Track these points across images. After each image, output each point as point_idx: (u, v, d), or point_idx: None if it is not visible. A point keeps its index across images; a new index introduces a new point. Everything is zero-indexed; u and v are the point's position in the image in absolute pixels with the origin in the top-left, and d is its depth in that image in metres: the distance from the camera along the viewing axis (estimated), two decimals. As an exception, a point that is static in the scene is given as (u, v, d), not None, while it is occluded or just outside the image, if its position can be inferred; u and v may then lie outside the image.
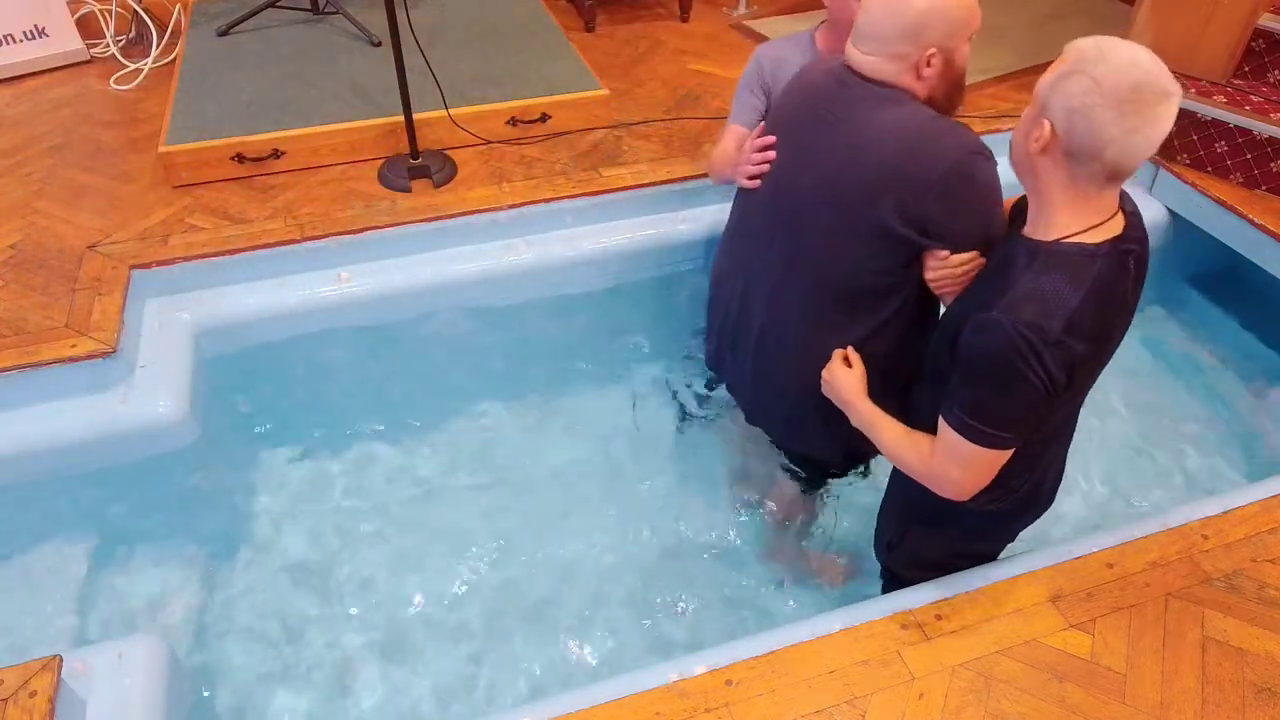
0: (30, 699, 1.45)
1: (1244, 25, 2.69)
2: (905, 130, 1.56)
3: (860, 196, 1.61)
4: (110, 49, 3.37)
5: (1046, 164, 1.29)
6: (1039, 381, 1.29)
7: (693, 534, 2.45)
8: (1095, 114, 1.20)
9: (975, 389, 1.35)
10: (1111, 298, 1.32)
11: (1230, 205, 2.63)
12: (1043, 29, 3.79)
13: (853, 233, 1.64)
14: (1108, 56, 1.20)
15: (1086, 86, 1.20)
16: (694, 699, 1.53)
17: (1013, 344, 1.27)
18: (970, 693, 1.55)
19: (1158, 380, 2.88)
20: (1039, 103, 1.27)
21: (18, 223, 2.49)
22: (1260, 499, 1.91)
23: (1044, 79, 1.26)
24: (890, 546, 1.83)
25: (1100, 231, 1.31)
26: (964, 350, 1.34)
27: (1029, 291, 1.28)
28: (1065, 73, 1.22)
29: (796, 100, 1.77)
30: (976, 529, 1.71)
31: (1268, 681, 1.57)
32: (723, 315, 2.00)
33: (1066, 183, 1.29)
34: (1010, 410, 1.34)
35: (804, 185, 1.71)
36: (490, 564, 2.39)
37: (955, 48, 1.58)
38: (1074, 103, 1.21)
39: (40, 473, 2.11)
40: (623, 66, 3.38)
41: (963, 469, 1.43)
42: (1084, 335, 1.29)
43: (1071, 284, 1.27)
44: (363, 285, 2.45)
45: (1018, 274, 1.31)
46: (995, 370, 1.31)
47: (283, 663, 2.16)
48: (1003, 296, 1.30)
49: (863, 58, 1.60)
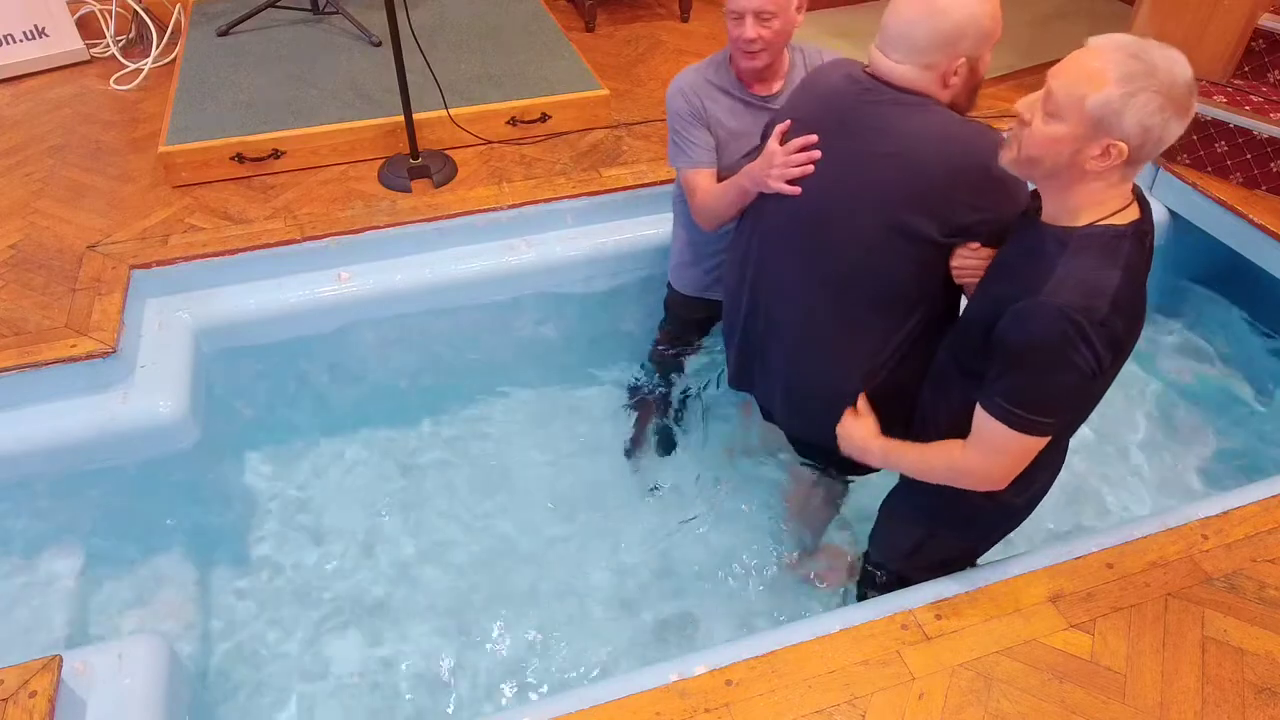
0: (30, 699, 1.45)
1: (1244, 25, 2.69)
2: (937, 138, 1.54)
3: (896, 205, 1.58)
4: (110, 49, 3.37)
5: (1097, 173, 1.29)
6: (1085, 363, 1.30)
7: (695, 531, 2.45)
8: (1169, 126, 1.22)
9: (1018, 376, 1.35)
10: (1140, 276, 1.34)
11: (1230, 205, 2.63)
12: (1043, 29, 3.79)
13: (888, 239, 1.60)
14: (1156, 67, 1.20)
15: (1159, 103, 1.20)
16: (694, 699, 1.53)
17: (1061, 327, 1.27)
18: (970, 693, 1.55)
19: (1157, 380, 2.88)
20: (1092, 123, 1.24)
21: (18, 223, 2.49)
22: (1260, 499, 1.91)
23: (1090, 98, 1.23)
24: (910, 553, 1.81)
25: (1125, 215, 1.33)
26: (1008, 338, 1.34)
27: (1070, 275, 1.29)
28: (1128, 93, 1.21)
29: (815, 106, 1.71)
30: (997, 523, 1.72)
31: (1268, 681, 1.57)
32: (744, 331, 1.93)
33: (1111, 182, 1.30)
34: (1053, 395, 1.35)
35: (833, 194, 1.66)
36: (491, 563, 2.39)
37: (980, 56, 1.57)
38: (1150, 121, 1.21)
39: (40, 472, 2.11)
40: (623, 66, 3.38)
41: (1001, 457, 1.43)
42: (1125, 313, 1.30)
43: (1109, 265, 1.29)
44: (363, 285, 2.45)
45: (1051, 261, 1.32)
46: (1042, 355, 1.31)
47: (283, 663, 2.16)
48: (1042, 283, 1.30)
49: (892, 66, 1.57)
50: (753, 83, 1.97)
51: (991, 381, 1.39)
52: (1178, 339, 3.00)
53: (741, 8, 1.81)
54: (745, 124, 1.98)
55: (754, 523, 2.45)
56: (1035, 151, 1.31)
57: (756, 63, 1.89)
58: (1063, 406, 1.38)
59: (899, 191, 1.57)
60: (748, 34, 1.82)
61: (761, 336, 1.88)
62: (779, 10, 1.81)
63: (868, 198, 1.61)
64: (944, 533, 1.75)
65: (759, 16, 1.81)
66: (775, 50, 1.88)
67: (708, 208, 1.97)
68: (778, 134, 1.73)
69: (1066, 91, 1.25)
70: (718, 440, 2.63)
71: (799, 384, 1.86)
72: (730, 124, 1.99)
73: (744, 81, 1.98)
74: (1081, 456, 2.63)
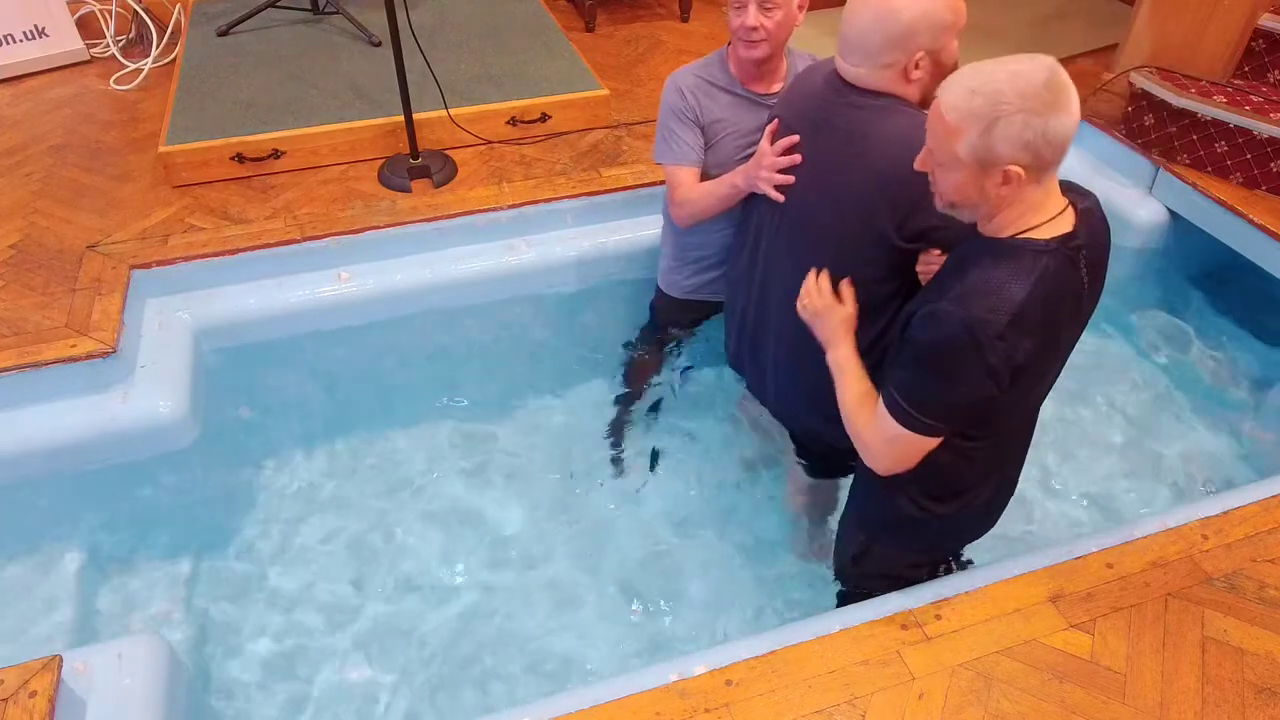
0: (30, 699, 1.45)
1: (1244, 25, 2.69)
2: (897, 142, 1.56)
3: (860, 208, 1.62)
4: (110, 49, 3.37)
5: (1010, 192, 1.28)
6: (980, 374, 1.30)
7: (698, 528, 2.45)
8: (1050, 127, 1.21)
9: (914, 374, 1.37)
10: (1060, 295, 1.32)
11: (1230, 205, 2.62)
12: (1043, 29, 3.79)
13: (855, 243, 1.65)
14: (998, 91, 1.20)
15: (1022, 119, 1.20)
16: (694, 699, 1.53)
17: (959, 336, 1.28)
18: (970, 693, 1.55)
19: (1157, 380, 2.87)
20: (976, 163, 1.25)
21: (18, 223, 2.49)
22: (1260, 499, 1.91)
23: (957, 146, 1.24)
24: (855, 559, 1.81)
25: (1051, 227, 1.31)
26: (913, 336, 1.36)
27: (978, 285, 1.29)
28: (986, 127, 1.21)
29: (799, 107, 1.76)
30: (933, 538, 1.72)
31: (1268, 681, 1.57)
32: (740, 320, 2.00)
33: (1027, 193, 1.29)
34: (945, 399, 1.36)
35: (808, 195, 1.71)
36: (491, 562, 2.38)
37: (942, 47, 1.58)
38: (1026, 136, 1.21)
39: (40, 472, 2.11)
40: (623, 66, 3.38)
41: (888, 447, 1.46)
42: (1029, 331, 1.29)
43: (1019, 278, 1.28)
44: (363, 285, 2.45)
45: (970, 270, 1.33)
46: (938, 359, 1.33)
47: (283, 663, 2.16)
48: (951, 291, 1.32)
49: (852, 70, 1.60)
50: (751, 80, 1.98)
51: (893, 374, 1.41)
52: (1177, 338, 3.00)
53: None
54: (742, 120, 1.98)
55: (753, 523, 2.45)
56: (952, 198, 1.34)
57: (756, 53, 1.88)
58: (952, 413, 1.39)
59: (862, 194, 1.61)
60: (750, 21, 1.82)
61: (755, 326, 1.93)
62: (782, 1, 1.82)
63: (836, 200, 1.65)
64: (882, 540, 1.75)
65: (762, 5, 1.81)
66: (775, 43, 1.88)
67: (690, 203, 1.99)
68: (768, 134, 1.79)
69: (941, 149, 1.29)
70: (715, 441, 2.63)
71: (786, 377, 1.90)
72: (728, 119, 1.99)
73: (741, 79, 1.98)
74: (1081, 455, 2.63)
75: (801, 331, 1.81)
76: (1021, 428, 1.59)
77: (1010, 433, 1.57)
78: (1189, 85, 2.76)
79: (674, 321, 2.41)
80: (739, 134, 1.98)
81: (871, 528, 1.75)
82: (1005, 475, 1.65)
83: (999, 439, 1.54)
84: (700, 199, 1.97)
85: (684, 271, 2.25)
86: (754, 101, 1.98)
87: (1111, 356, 2.91)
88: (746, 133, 1.97)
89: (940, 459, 1.49)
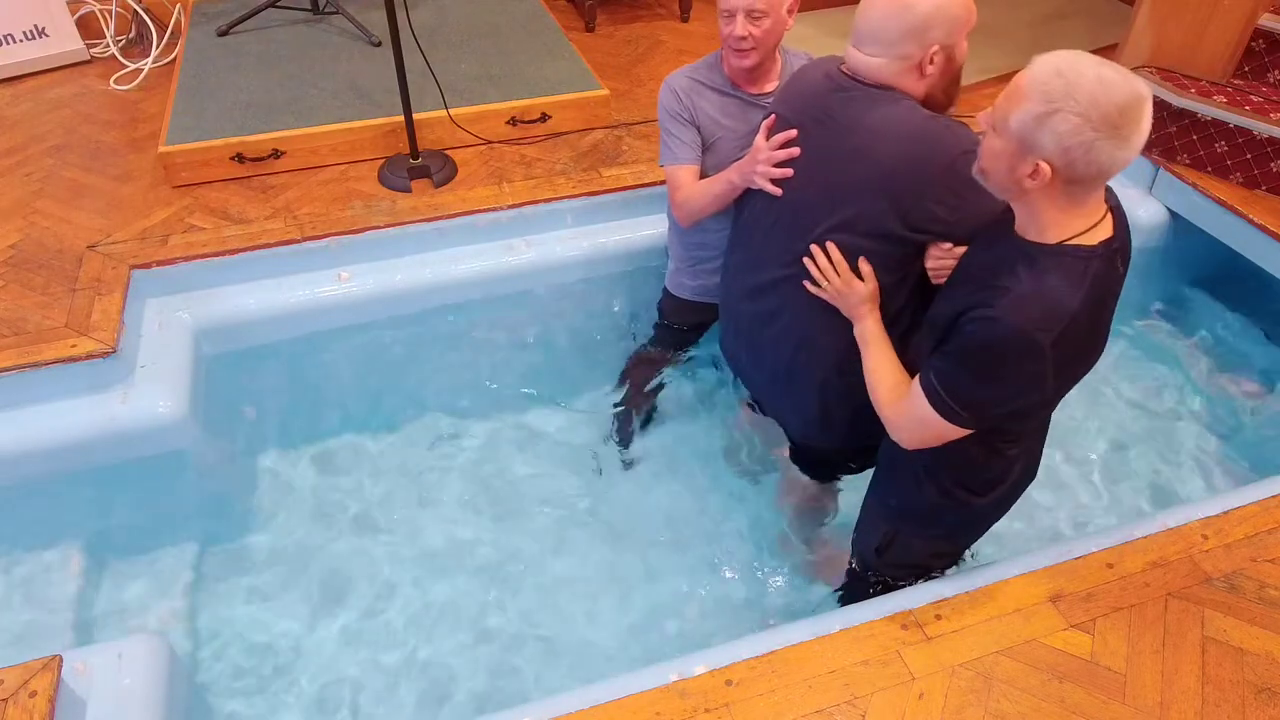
0: (30, 699, 1.45)
1: (1244, 25, 2.69)
2: (901, 133, 1.57)
3: (860, 200, 1.62)
4: (110, 49, 3.37)
5: (1041, 191, 1.28)
6: (1027, 380, 1.31)
7: (698, 526, 2.45)
8: (1096, 148, 1.19)
9: (958, 366, 1.37)
10: (1106, 297, 1.34)
11: (1230, 205, 2.62)
12: (1043, 29, 3.79)
13: (855, 235, 1.64)
14: (1077, 86, 1.18)
15: (1075, 125, 1.18)
16: (694, 699, 1.53)
17: (1014, 342, 1.28)
18: (970, 693, 1.55)
19: (1157, 380, 2.87)
20: (1017, 140, 1.24)
21: (18, 223, 2.49)
22: (1260, 499, 1.91)
23: (1013, 114, 1.23)
24: (880, 550, 1.82)
25: (1095, 233, 1.32)
26: (964, 330, 1.35)
27: (1031, 294, 1.29)
28: (1044, 113, 1.20)
29: (795, 104, 1.77)
30: (959, 527, 1.73)
31: (1268, 681, 1.57)
32: (736, 316, 2.00)
33: (1064, 201, 1.29)
34: (983, 397, 1.37)
35: (807, 188, 1.71)
36: (492, 561, 2.39)
37: (956, 44, 1.60)
38: (1068, 142, 1.20)
39: (40, 473, 2.11)
40: (623, 66, 3.38)
41: (917, 426, 1.47)
42: (1079, 338, 1.30)
43: (1072, 288, 1.28)
44: (363, 285, 2.45)
45: (1020, 276, 1.32)
46: (986, 360, 1.33)
47: (283, 663, 2.16)
48: (1004, 297, 1.31)
49: (866, 59, 1.61)
50: (744, 81, 1.98)
51: (936, 357, 1.41)
52: (1177, 339, 3.00)
53: (733, 6, 1.83)
54: (737, 121, 1.99)
55: (753, 522, 2.45)
56: (985, 164, 1.33)
57: (746, 62, 1.89)
58: (990, 411, 1.39)
59: (862, 185, 1.61)
60: (738, 31, 1.83)
61: (751, 321, 1.93)
62: (769, 9, 1.82)
63: (836, 192, 1.65)
64: (908, 530, 1.76)
65: (750, 15, 1.82)
66: (765, 50, 1.89)
67: (690, 202, 2.01)
68: (764, 129, 1.80)
69: (1001, 107, 1.27)
70: (716, 440, 2.63)
71: (777, 371, 1.91)
72: (722, 121, 2.00)
73: (735, 80, 1.98)
74: (1080, 456, 2.63)
75: (798, 327, 1.81)
76: (1046, 419, 1.60)
77: (1041, 426, 1.58)
78: (1189, 85, 2.76)
79: (680, 323, 2.42)
80: (734, 134, 1.99)
81: (898, 518, 1.76)
82: (1031, 463, 1.65)
83: (1030, 435, 1.55)
84: (698, 197, 1.98)
85: (689, 273, 2.26)
86: (748, 102, 1.99)
87: (1110, 356, 2.91)
88: (742, 133, 1.97)
89: (974, 453, 1.50)
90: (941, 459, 1.54)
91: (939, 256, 1.64)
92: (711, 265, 2.18)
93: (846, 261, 1.65)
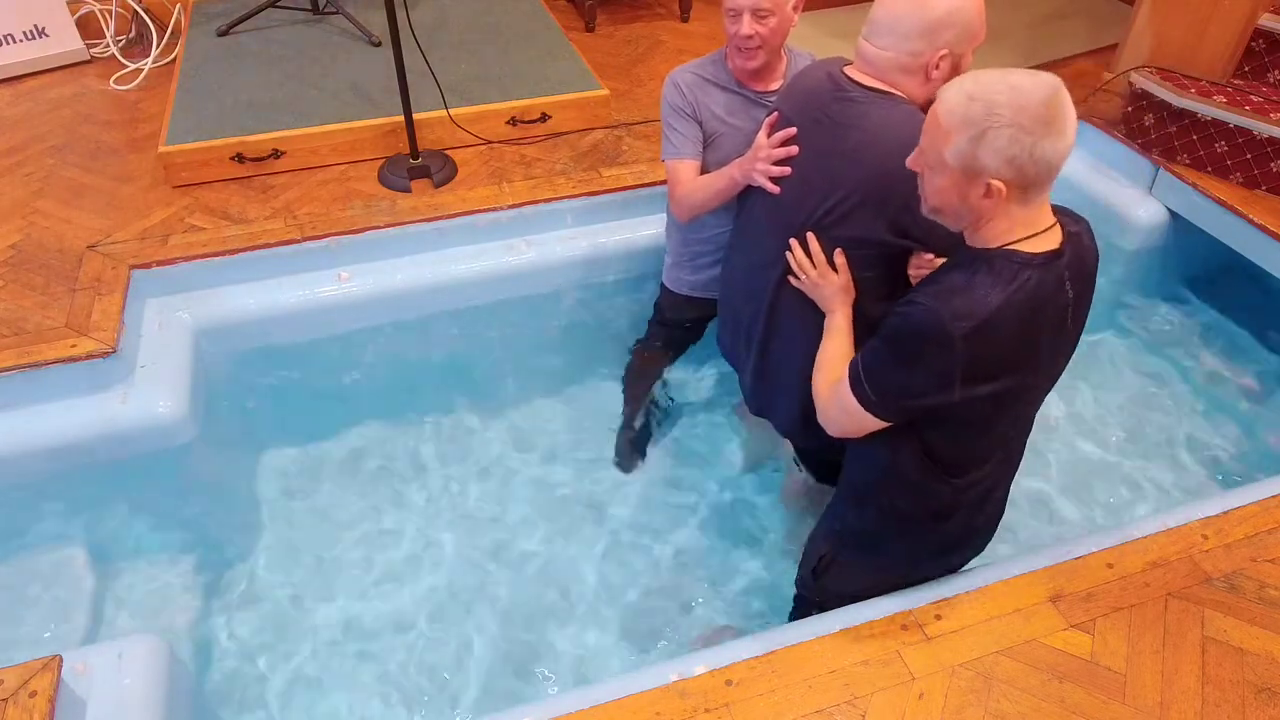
0: (30, 699, 1.45)
1: (1244, 25, 2.69)
2: (896, 137, 1.56)
3: (849, 201, 1.62)
4: (110, 49, 3.37)
5: (995, 206, 1.29)
6: (938, 371, 1.32)
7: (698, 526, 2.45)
8: (1039, 148, 1.21)
9: (879, 351, 1.41)
10: (1042, 309, 1.32)
11: (1230, 205, 2.62)
12: (1042, 29, 3.79)
13: (840, 233, 1.65)
14: (995, 102, 1.20)
15: (1011, 135, 1.20)
16: (694, 699, 1.53)
17: (926, 327, 1.30)
18: (970, 693, 1.55)
19: (1157, 380, 2.88)
20: (960, 170, 1.25)
21: (18, 223, 2.49)
22: (1260, 499, 1.91)
23: (945, 149, 1.25)
24: (816, 573, 1.78)
25: (1037, 242, 1.31)
26: (888, 318, 1.39)
27: (956, 286, 1.31)
28: (975, 136, 1.22)
29: (796, 103, 1.77)
30: (903, 559, 1.69)
31: (1268, 681, 1.57)
32: (734, 312, 2.00)
33: (1015, 209, 1.29)
34: (895, 381, 1.39)
35: (803, 188, 1.72)
36: (492, 561, 2.39)
37: (964, 54, 1.60)
38: (1010, 152, 1.21)
39: (40, 472, 2.11)
40: (623, 66, 3.38)
41: (840, 412, 1.49)
42: (999, 341, 1.29)
43: (996, 287, 1.28)
44: (362, 285, 2.45)
45: (951, 273, 1.34)
46: (902, 344, 1.36)
47: (283, 662, 2.16)
48: (931, 287, 1.34)
49: (877, 52, 1.60)
50: (749, 79, 1.98)
51: (866, 345, 1.45)
52: (1177, 339, 3.00)
53: (739, 5, 1.83)
54: (741, 118, 1.99)
55: (753, 522, 2.45)
56: (935, 202, 1.35)
57: (753, 62, 1.90)
58: (899, 401, 1.40)
59: (854, 188, 1.61)
60: (744, 30, 1.83)
61: (750, 319, 1.93)
62: (775, 8, 1.82)
63: (830, 193, 1.65)
64: (846, 554, 1.72)
65: (756, 14, 1.82)
66: (771, 49, 1.89)
67: (690, 198, 2.01)
68: (766, 126, 1.80)
69: (931, 150, 1.29)
70: (717, 439, 2.64)
71: (769, 369, 1.91)
72: (727, 118, 2.00)
73: (739, 77, 1.98)
74: (1080, 454, 2.63)
75: (789, 326, 1.81)
76: (1005, 461, 1.57)
77: (997, 467, 1.55)
78: (1189, 85, 2.76)
79: (678, 318, 2.41)
80: (738, 131, 1.99)
81: (839, 540, 1.73)
82: (988, 506, 1.62)
83: (981, 470, 1.52)
84: (698, 192, 1.99)
85: (687, 268, 2.26)
86: (752, 100, 1.98)
87: (1111, 356, 2.91)
88: (746, 131, 1.97)
89: (915, 478, 1.50)
90: (886, 478, 1.54)
91: (920, 265, 1.66)
92: (709, 260, 2.18)
93: (825, 255, 1.66)
